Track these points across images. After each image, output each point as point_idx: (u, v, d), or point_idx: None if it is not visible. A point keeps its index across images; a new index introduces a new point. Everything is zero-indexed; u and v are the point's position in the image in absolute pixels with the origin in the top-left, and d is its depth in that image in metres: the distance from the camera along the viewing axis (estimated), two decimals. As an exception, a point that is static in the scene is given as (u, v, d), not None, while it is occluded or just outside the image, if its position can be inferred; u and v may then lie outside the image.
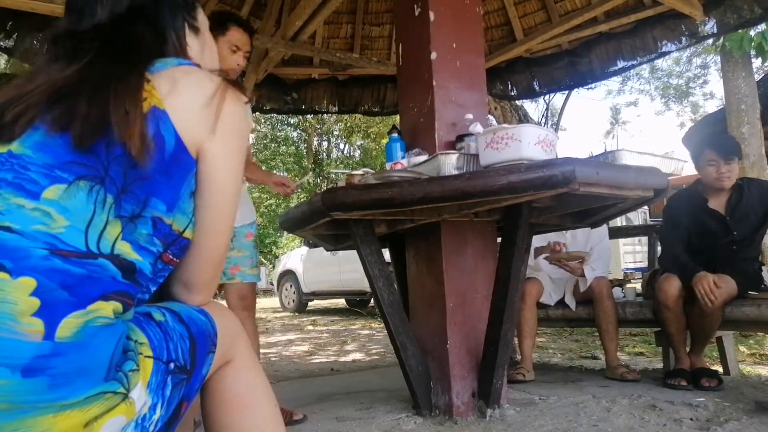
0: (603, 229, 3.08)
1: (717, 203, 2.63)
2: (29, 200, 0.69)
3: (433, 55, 2.22)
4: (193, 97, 0.80)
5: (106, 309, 0.68)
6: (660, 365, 3.08)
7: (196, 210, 0.84)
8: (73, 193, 0.70)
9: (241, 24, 2.16)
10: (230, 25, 2.10)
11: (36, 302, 0.62)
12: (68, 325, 0.63)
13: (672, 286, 2.52)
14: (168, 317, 0.79)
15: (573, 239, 3.12)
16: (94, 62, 0.81)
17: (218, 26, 2.09)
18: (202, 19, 1.02)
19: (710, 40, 6.27)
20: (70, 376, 0.62)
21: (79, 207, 0.70)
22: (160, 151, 0.76)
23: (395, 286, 2.30)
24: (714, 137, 2.66)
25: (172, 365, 0.75)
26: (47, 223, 0.68)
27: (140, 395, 0.69)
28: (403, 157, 2.18)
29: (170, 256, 0.83)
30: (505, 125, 1.84)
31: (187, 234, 0.84)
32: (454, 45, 2.27)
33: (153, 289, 0.82)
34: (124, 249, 0.73)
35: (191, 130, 0.79)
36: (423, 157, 2.07)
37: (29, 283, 0.63)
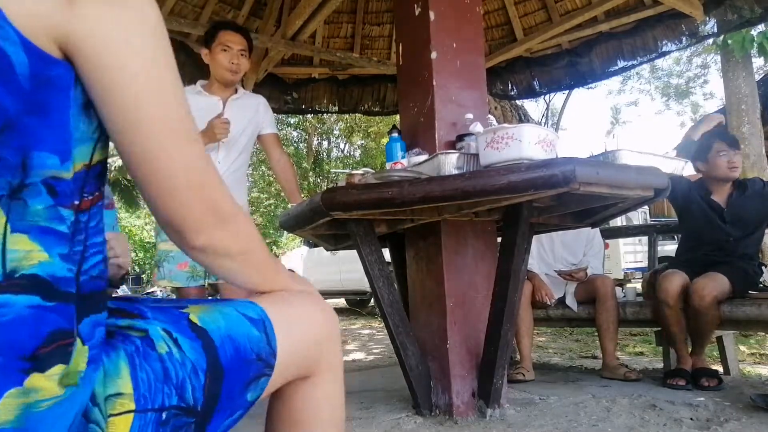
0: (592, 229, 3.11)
1: (719, 197, 2.67)
2: None
3: (433, 55, 2.21)
4: None
5: (46, 387, 0.50)
6: (660, 365, 3.07)
7: (113, 136, 0.56)
8: None
9: (227, 26, 2.29)
10: (218, 31, 2.25)
11: None
12: (8, 407, 0.48)
13: (673, 283, 2.53)
14: (180, 343, 0.62)
15: (564, 249, 3.16)
16: None
17: (210, 38, 2.26)
18: None
19: (710, 40, 6.27)
20: None
21: None
22: (10, 80, 0.48)
23: (395, 286, 2.30)
24: (719, 131, 2.71)
25: (164, 414, 0.60)
26: None
27: None
28: (403, 157, 2.18)
29: (89, 198, 0.57)
30: (505, 125, 1.84)
31: (98, 157, 0.57)
32: (454, 45, 2.27)
33: (95, 241, 0.58)
34: (21, 247, 0.50)
35: (42, 20, 0.49)
36: (423, 157, 2.07)
37: None
